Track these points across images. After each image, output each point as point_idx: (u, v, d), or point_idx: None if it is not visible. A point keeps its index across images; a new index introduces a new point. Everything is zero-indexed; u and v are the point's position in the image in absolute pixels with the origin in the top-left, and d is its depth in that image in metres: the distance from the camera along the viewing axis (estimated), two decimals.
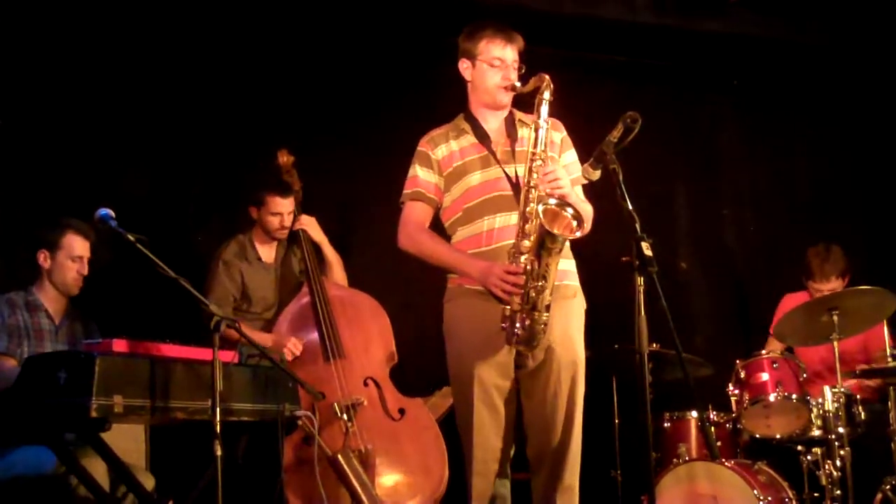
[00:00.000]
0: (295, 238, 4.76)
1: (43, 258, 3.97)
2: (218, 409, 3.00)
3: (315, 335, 4.44)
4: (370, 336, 4.50)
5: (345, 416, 4.19)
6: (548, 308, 3.32)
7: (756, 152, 6.34)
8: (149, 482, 3.70)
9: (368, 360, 4.43)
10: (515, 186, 3.50)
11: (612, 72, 6.02)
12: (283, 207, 4.71)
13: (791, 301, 5.18)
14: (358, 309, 4.56)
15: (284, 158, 4.78)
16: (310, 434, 3.80)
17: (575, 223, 3.29)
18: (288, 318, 4.56)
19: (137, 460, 3.86)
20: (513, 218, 3.46)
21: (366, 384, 4.35)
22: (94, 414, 2.88)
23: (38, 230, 4.03)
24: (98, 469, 3.49)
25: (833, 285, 5.01)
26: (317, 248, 4.75)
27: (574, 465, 3.53)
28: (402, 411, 4.32)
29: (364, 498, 3.96)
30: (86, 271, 4.00)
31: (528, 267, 3.31)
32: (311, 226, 4.74)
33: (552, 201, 3.32)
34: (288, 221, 4.73)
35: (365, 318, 4.54)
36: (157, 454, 4.04)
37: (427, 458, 4.23)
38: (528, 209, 3.38)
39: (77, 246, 3.97)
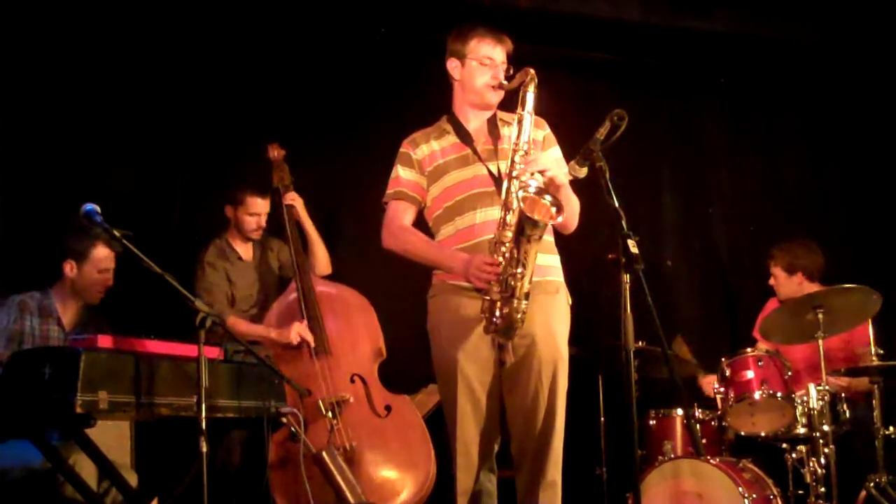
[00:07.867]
0: (273, 233, 4.75)
1: (69, 268, 3.95)
2: (203, 406, 3.00)
3: None
4: (357, 332, 4.50)
5: (329, 414, 4.19)
6: (527, 296, 3.30)
7: (743, 150, 6.35)
8: (131, 480, 3.67)
9: (355, 356, 4.43)
10: (497, 182, 3.49)
11: (598, 70, 6.02)
12: (261, 208, 4.70)
13: (775, 304, 5.19)
14: (345, 305, 4.56)
15: (275, 153, 4.77)
16: (295, 431, 3.79)
17: (554, 209, 3.27)
18: (275, 313, 4.56)
19: (122, 458, 3.84)
20: (495, 212, 3.45)
21: (352, 381, 4.35)
22: (78, 410, 2.88)
23: (65, 239, 3.98)
24: (86, 468, 3.47)
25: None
26: (300, 234, 4.73)
27: (556, 462, 3.51)
28: (388, 408, 4.32)
29: (348, 495, 3.96)
30: (111, 283, 3.99)
31: (508, 254, 3.30)
32: (297, 202, 4.74)
33: (531, 189, 3.30)
34: (264, 222, 4.73)
35: (352, 315, 4.53)
36: (142, 451, 4.02)
37: (413, 454, 4.23)
38: (509, 199, 3.37)
39: (104, 258, 3.96)
